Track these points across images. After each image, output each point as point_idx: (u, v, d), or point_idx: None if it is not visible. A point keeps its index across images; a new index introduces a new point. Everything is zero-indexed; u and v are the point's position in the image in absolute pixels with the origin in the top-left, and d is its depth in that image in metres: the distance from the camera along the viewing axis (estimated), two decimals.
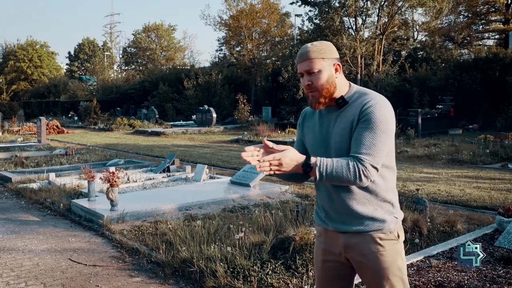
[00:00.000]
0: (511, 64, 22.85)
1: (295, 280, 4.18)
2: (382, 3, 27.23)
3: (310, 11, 29.99)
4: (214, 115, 26.79)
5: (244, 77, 37.13)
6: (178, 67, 43.29)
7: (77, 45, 70.09)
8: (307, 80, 2.26)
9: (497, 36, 34.50)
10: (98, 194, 7.62)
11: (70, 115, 36.21)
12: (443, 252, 4.87)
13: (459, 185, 9.18)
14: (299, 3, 30.09)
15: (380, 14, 27.95)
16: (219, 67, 37.09)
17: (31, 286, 4.50)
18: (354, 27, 28.59)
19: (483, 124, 21.58)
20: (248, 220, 5.94)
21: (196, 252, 4.72)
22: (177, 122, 29.94)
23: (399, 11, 28.18)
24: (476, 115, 22.55)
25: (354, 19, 28.70)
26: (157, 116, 30.58)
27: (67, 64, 70.17)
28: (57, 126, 25.60)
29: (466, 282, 4.09)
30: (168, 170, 10.47)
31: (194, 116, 28.82)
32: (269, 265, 4.37)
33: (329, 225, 2.38)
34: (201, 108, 27.81)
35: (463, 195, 8.14)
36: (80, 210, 7.06)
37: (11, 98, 47.89)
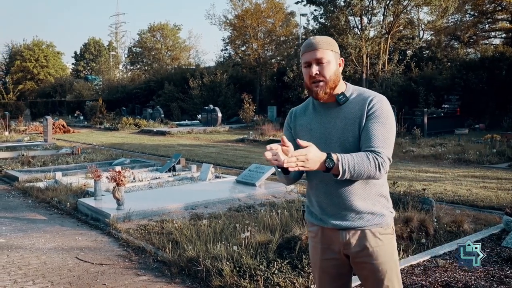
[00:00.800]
0: None
1: (301, 279, 4.18)
2: (388, 2, 27.17)
3: (316, 10, 29.97)
4: (219, 114, 26.81)
5: (249, 76, 37.12)
6: (183, 67, 43.28)
7: (83, 45, 70.27)
8: (315, 69, 2.25)
9: (503, 35, 34.28)
10: (104, 193, 7.65)
11: (76, 115, 36.35)
12: (450, 252, 4.85)
13: (466, 185, 9.15)
14: (304, 2, 30.04)
15: (385, 13, 27.88)
16: (224, 67, 37.07)
17: (38, 284, 4.52)
18: (360, 26, 28.53)
19: (489, 123, 21.48)
20: (254, 220, 5.95)
21: (202, 251, 4.73)
22: (182, 122, 29.99)
23: (405, 10, 28.10)
24: (483, 115, 22.45)
25: (359, 18, 28.64)
26: (162, 115, 30.63)
27: (73, 64, 70.34)
28: (63, 126, 25.69)
29: (473, 282, 4.07)
30: (174, 169, 10.49)
31: (199, 116, 28.85)
32: (275, 264, 4.38)
33: (327, 223, 2.36)
34: (206, 107, 27.84)
35: (470, 195, 8.11)
36: (86, 209, 7.09)
37: (18, 97, 48.05)
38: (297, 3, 31.12)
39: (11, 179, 10.05)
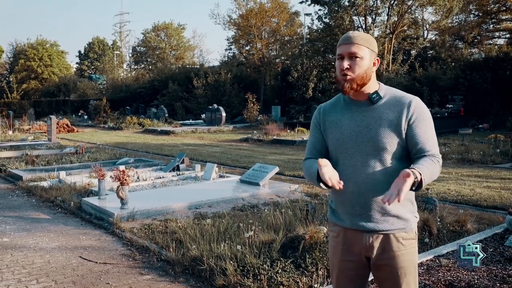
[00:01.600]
0: None
1: (304, 278, 4.19)
2: (392, 2, 27.15)
3: (320, 10, 29.98)
4: (224, 114, 26.82)
5: (253, 76, 37.14)
6: (188, 66, 43.34)
7: (87, 44, 70.38)
8: (346, 64, 2.24)
9: (508, 35, 34.18)
10: (108, 193, 7.66)
11: (80, 114, 36.45)
12: (453, 251, 4.85)
13: (469, 184, 9.13)
14: (309, 2, 30.05)
15: (390, 13, 27.86)
16: (228, 66, 37.10)
17: (42, 283, 4.54)
18: (364, 26, 28.51)
19: (493, 123, 21.44)
20: (258, 219, 5.95)
21: (206, 251, 4.74)
22: (186, 121, 30.03)
23: (409, 10, 28.07)
24: (487, 115, 22.41)
25: (364, 18, 28.65)
26: (166, 115, 30.67)
27: (77, 63, 70.49)
28: (67, 125, 25.74)
29: (476, 281, 4.07)
30: (177, 168, 10.50)
31: (203, 115, 28.88)
32: (279, 263, 4.38)
33: (351, 223, 2.34)
34: (210, 107, 27.86)
35: (473, 195, 8.10)
36: (90, 208, 7.11)
37: (22, 97, 48.18)
38: (301, 2, 31.12)
39: (15, 178, 10.08)
